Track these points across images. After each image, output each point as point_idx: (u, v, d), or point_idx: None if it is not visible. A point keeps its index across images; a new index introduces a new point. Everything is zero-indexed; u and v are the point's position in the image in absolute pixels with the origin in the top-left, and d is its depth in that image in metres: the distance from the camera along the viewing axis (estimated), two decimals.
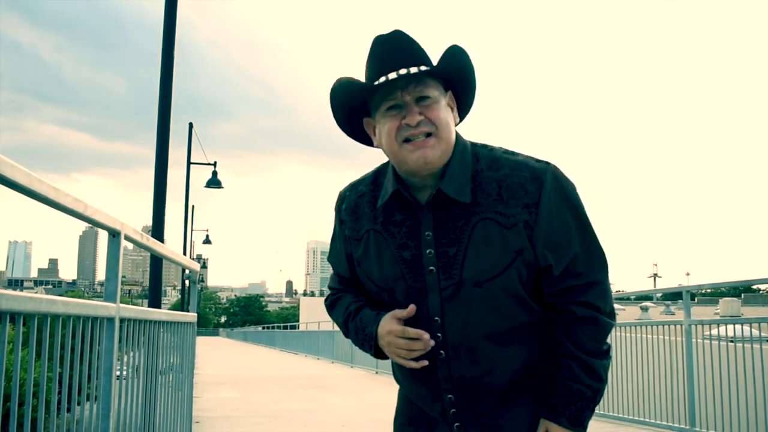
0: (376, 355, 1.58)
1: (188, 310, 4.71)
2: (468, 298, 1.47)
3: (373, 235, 1.56)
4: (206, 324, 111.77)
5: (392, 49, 1.44)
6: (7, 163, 1.38)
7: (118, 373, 2.47)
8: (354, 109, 1.53)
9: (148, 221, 6.64)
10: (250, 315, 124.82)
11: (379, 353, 1.57)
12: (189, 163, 17.51)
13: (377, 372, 13.91)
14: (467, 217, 1.47)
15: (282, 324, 46.70)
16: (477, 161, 1.50)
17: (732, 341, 5.99)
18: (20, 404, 1.61)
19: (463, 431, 1.57)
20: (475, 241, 1.45)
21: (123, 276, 2.23)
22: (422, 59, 1.45)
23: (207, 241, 27.26)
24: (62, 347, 1.90)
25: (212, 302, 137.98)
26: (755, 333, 5.90)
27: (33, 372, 1.68)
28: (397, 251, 1.52)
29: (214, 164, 18.08)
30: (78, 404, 2.15)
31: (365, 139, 1.58)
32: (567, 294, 1.49)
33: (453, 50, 1.44)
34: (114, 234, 2.33)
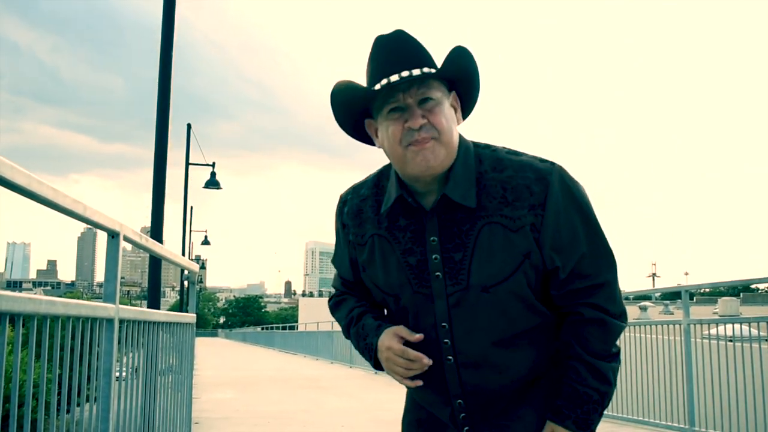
0: (375, 366, 1.57)
1: (187, 311, 4.71)
2: (475, 304, 1.45)
3: (378, 241, 1.54)
4: (205, 325, 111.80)
5: (394, 50, 1.41)
6: (7, 165, 1.38)
7: (118, 374, 2.47)
8: (355, 111, 1.50)
9: (147, 222, 6.63)
10: (249, 316, 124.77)
11: (378, 364, 1.56)
12: (188, 164, 17.51)
13: (376, 372, 13.88)
14: (472, 222, 1.44)
15: (281, 324, 46.69)
16: (480, 163, 1.47)
17: (731, 341, 6.00)
18: (20, 405, 1.61)
19: None
20: (481, 246, 1.43)
21: (122, 277, 2.23)
22: (425, 60, 1.41)
23: (206, 242, 27.26)
24: (61, 348, 1.90)
25: (211, 303, 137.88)
26: (754, 332, 5.91)
27: (32, 373, 1.68)
28: (403, 257, 1.50)
29: (213, 165, 18.08)
30: (77, 405, 2.15)
31: (369, 139, 1.55)
32: (575, 296, 1.47)
33: (457, 51, 1.40)
34: (113, 235, 2.33)
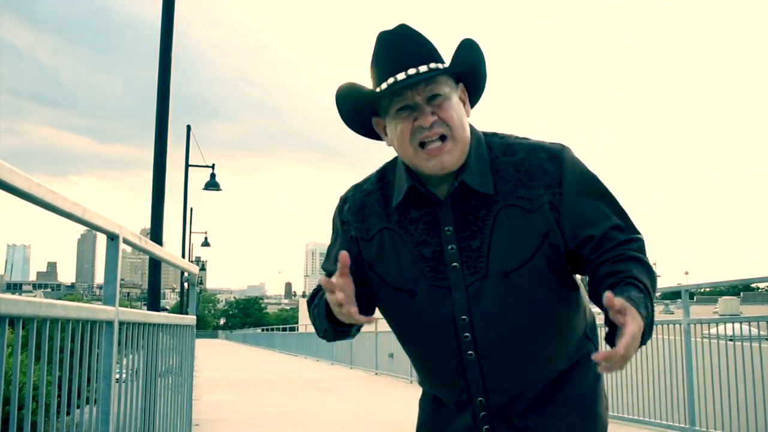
0: (329, 319, 1.43)
1: (187, 313, 4.71)
2: (496, 292, 1.40)
3: (388, 235, 1.48)
4: (205, 326, 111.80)
5: (398, 47, 1.37)
6: (6, 168, 1.38)
7: (118, 377, 2.47)
8: (363, 112, 1.47)
9: (147, 223, 6.64)
10: (249, 317, 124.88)
11: (332, 318, 1.41)
12: (187, 165, 17.51)
13: (377, 373, 13.90)
14: (488, 207, 1.41)
15: (281, 326, 46.71)
16: (491, 150, 1.46)
17: (731, 340, 6.00)
18: (20, 408, 1.61)
19: None
20: (499, 230, 1.39)
21: (122, 279, 2.23)
22: (431, 55, 1.38)
23: (206, 244, 27.26)
24: (61, 351, 1.90)
25: (211, 304, 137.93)
26: (754, 331, 5.91)
27: (32, 375, 1.68)
28: (416, 249, 1.45)
29: (213, 166, 18.08)
30: (77, 407, 2.15)
31: (377, 135, 1.51)
32: (614, 247, 1.39)
33: (465, 46, 1.38)
34: (112, 237, 2.33)
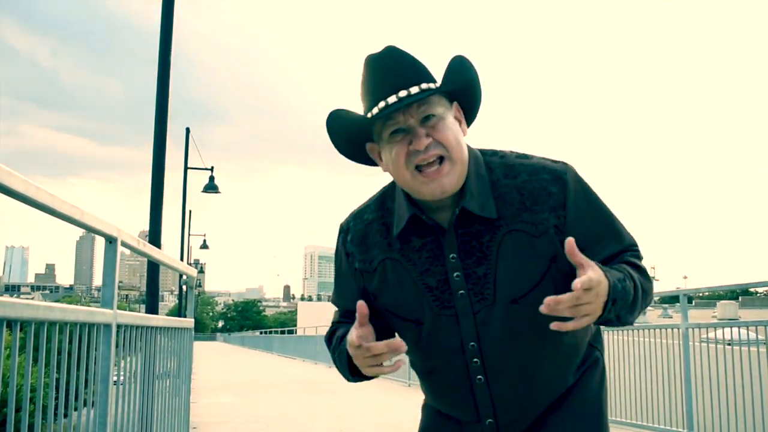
0: (352, 373, 1.43)
1: (185, 315, 4.71)
2: (504, 318, 1.38)
3: (391, 265, 1.45)
4: (203, 329, 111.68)
5: (387, 70, 1.33)
6: (4, 171, 1.38)
7: (115, 379, 2.47)
8: (355, 138, 1.43)
9: (146, 226, 6.64)
10: (248, 320, 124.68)
11: (355, 371, 1.42)
12: (186, 168, 17.51)
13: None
14: (492, 233, 1.38)
15: (279, 329, 46.66)
16: (491, 171, 1.41)
17: (729, 344, 6.00)
18: (17, 410, 1.61)
19: None
20: (505, 256, 1.37)
21: (120, 281, 2.23)
22: (421, 75, 1.34)
23: (204, 246, 27.25)
24: (59, 353, 1.90)
25: (210, 307, 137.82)
26: (753, 336, 5.90)
27: (30, 378, 1.67)
28: (420, 278, 1.42)
29: (211, 169, 18.09)
30: (75, 410, 2.15)
31: (372, 161, 1.47)
32: (613, 257, 1.41)
33: (456, 63, 1.35)
34: (111, 240, 2.33)
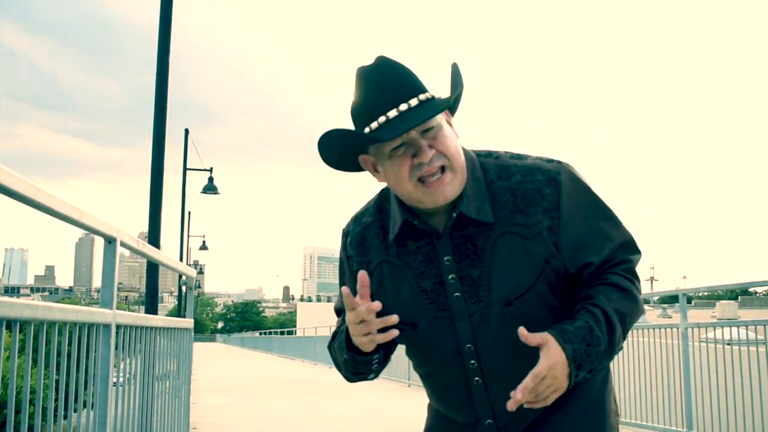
0: (350, 351, 1.42)
1: (185, 316, 4.71)
2: (500, 319, 1.38)
3: (387, 268, 1.46)
4: (203, 330, 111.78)
5: (383, 83, 1.33)
6: (3, 171, 1.38)
7: (115, 380, 2.47)
8: (351, 153, 1.42)
9: (145, 227, 6.63)
10: (247, 321, 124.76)
11: (355, 350, 1.41)
12: (185, 169, 17.52)
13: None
14: (486, 235, 1.38)
15: (279, 329, 46.67)
16: (485, 173, 1.42)
17: (729, 344, 6.00)
18: (17, 411, 1.61)
19: None
20: (499, 259, 1.37)
21: (119, 282, 2.23)
22: (416, 86, 1.34)
23: (203, 247, 27.25)
24: (59, 354, 1.90)
25: (209, 308, 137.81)
26: (752, 336, 5.91)
27: (30, 379, 1.67)
28: (416, 281, 1.43)
29: (210, 170, 18.09)
30: (75, 411, 2.15)
31: (359, 168, 1.46)
32: (606, 269, 1.41)
33: (456, 75, 1.36)
34: (110, 241, 2.33)
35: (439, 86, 1.44)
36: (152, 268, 6.30)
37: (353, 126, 1.40)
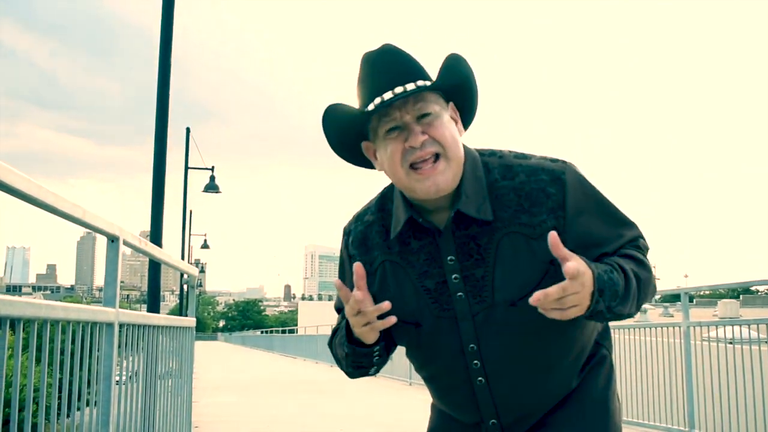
0: (349, 340, 1.43)
1: (187, 315, 4.71)
2: (503, 320, 1.37)
3: (390, 267, 1.45)
4: (205, 328, 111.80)
5: (384, 66, 1.33)
6: (6, 169, 1.38)
7: (118, 379, 2.47)
8: (350, 135, 1.42)
9: (146, 226, 6.64)
10: (249, 319, 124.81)
11: (356, 342, 1.42)
12: (187, 168, 17.52)
13: (376, 376, 13.86)
14: (490, 235, 1.37)
15: (280, 328, 46.69)
16: (489, 172, 1.40)
17: (731, 343, 6.00)
18: (20, 409, 1.61)
19: None
20: (503, 259, 1.36)
21: (121, 281, 2.23)
22: (417, 72, 1.34)
23: (205, 246, 27.26)
24: (62, 353, 1.90)
25: (211, 307, 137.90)
26: (754, 335, 5.91)
27: (33, 377, 1.68)
28: (419, 281, 1.42)
29: (212, 169, 18.09)
30: (78, 409, 2.15)
31: (366, 163, 1.47)
32: (615, 252, 1.41)
33: (451, 60, 1.34)
34: (113, 239, 2.34)
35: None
36: (154, 267, 6.31)
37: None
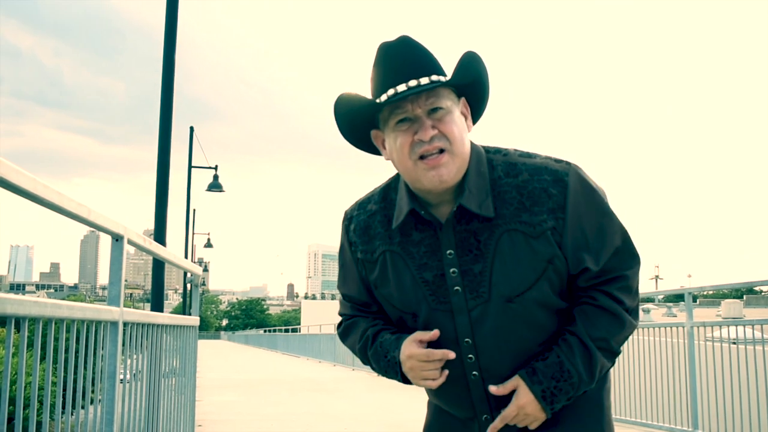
0: (403, 381, 1.49)
1: (190, 314, 4.72)
2: (499, 316, 1.39)
3: (390, 257, 1.48)
4: (208, 327, 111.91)
5: (399, 58, 1.35)
6: (12, 169, 1.39)
7: (122, 377, 2.47)
8: (361, 123, 1.44)
9: (149, 225, 6.65)
10: (252, 318, 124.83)
11: (406, 378, 1.48)
12: (190, 167, 17.53)
13: (379, 375, 13.87)
14: (490, 231, 1.38)
15: (283, 327, 46.72)
16: (493, 169, 1.42)
17: (734, 343, 5.99)
18: (24, 407, 1.62)
19: None
20: (502, 255, 1.38)
21: (125, 280, 2.24)
22: (432, 67, 1.36)
23: (208, 245, 27.27)
24: (66, 351, 1.91)
25: (214, 306, 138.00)
26: (757, 335, 5.90)
27: (37, 376, 1.68)
28: (418, 272, 1.44)
29: (216, 168, 18.10)
30: (82, 408, 2.16)
31: (374, 149, 1.50)
32: (594, 285, 1.42)
33: (468, 58, 1.36)
34: (117, 238, 2.34)
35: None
36: (158, 266, 6.31)
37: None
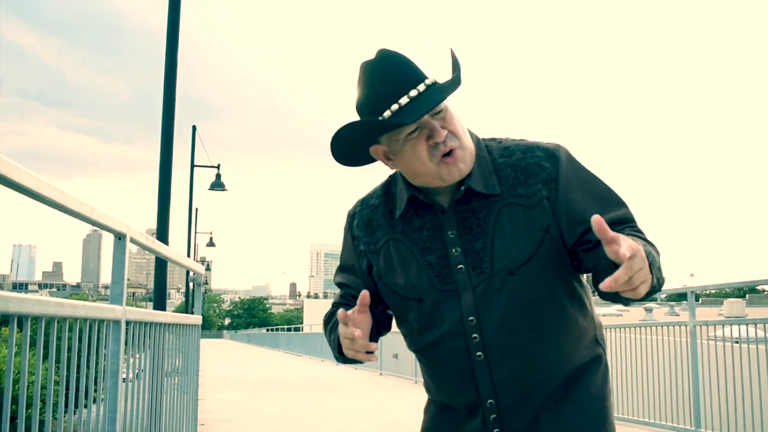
0: (339, 351, 1.49)
1: (193, 313, 4.72)
2: (502, 290, 1.42)
3: (393, 245, 1.52)
4: (210, 326, 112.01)
5: (390, 73, 1.39)
6: (15, 167, 1.39)
7: (124, 376, 2.48)
8: (363, 144, 1.47)
9: (152, 224, 6.64)
10: (254, 317, 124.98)
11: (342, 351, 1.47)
12: (192, 166, 17.54)
13: (381, 374, 13.91)
14: (489, 207, 1.45)
15: (286, 326, 46.75)
16: (489, 153, 1.50)
17: (737, 342, 5.99)
18: (27, 406, 1.62)
19: None
20: (501, 229, 1.43)
21: (127, 279, 2.24)
22: (420, 74, 1.41)
23: (211, 244, 27.27)
24: (69, 350, 1.91)
25: (216, 305, 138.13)
26: (760, 334, 5.89)
27: (40, 375, 1.68)
28: (422, 256, 1.48)
29: (218, 167, 18.10)
30: (84, 407, 2.16)
31: (363, 162, 1.51)
32: (616, 224, 1.41)
33: (455, 58, 1.41)
34: (120, 237, 2.34)
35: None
36: (161, 265, 6.33)
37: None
